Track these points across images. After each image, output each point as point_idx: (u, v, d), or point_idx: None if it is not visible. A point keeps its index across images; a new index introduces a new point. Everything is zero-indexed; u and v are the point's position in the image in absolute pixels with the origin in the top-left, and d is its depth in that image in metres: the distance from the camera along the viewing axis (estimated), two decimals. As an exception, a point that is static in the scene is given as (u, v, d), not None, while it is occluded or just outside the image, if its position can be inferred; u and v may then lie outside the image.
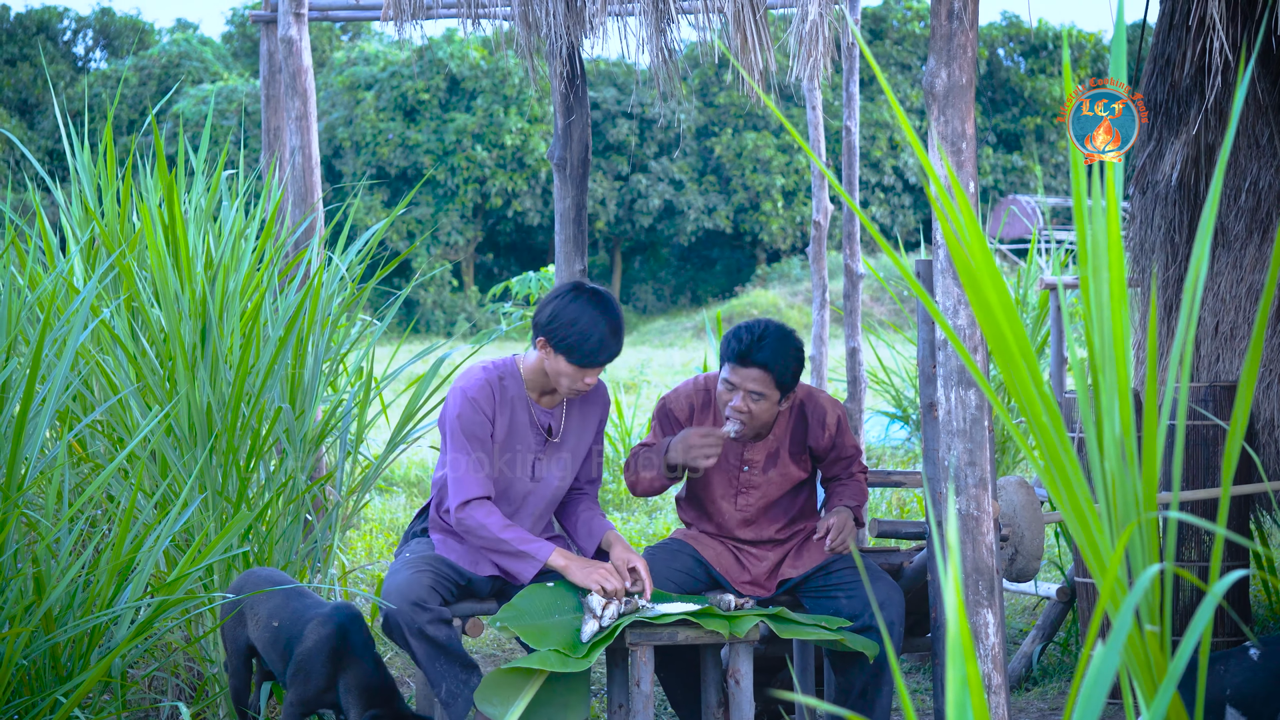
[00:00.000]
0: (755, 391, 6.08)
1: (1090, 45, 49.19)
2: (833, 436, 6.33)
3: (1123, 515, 2.71)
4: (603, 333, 5.95)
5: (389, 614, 5.88)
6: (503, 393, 6.12)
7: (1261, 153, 7.69)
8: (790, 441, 6.33)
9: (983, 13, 58.75)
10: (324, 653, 5.75)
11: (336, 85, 44.50)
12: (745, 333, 6.10)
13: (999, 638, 5.15)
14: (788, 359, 6.08)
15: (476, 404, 6.07)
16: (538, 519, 6.22)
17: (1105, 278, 2.76)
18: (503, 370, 6.15)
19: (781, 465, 6.33)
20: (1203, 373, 7.98)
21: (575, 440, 6.23)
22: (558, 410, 6.20)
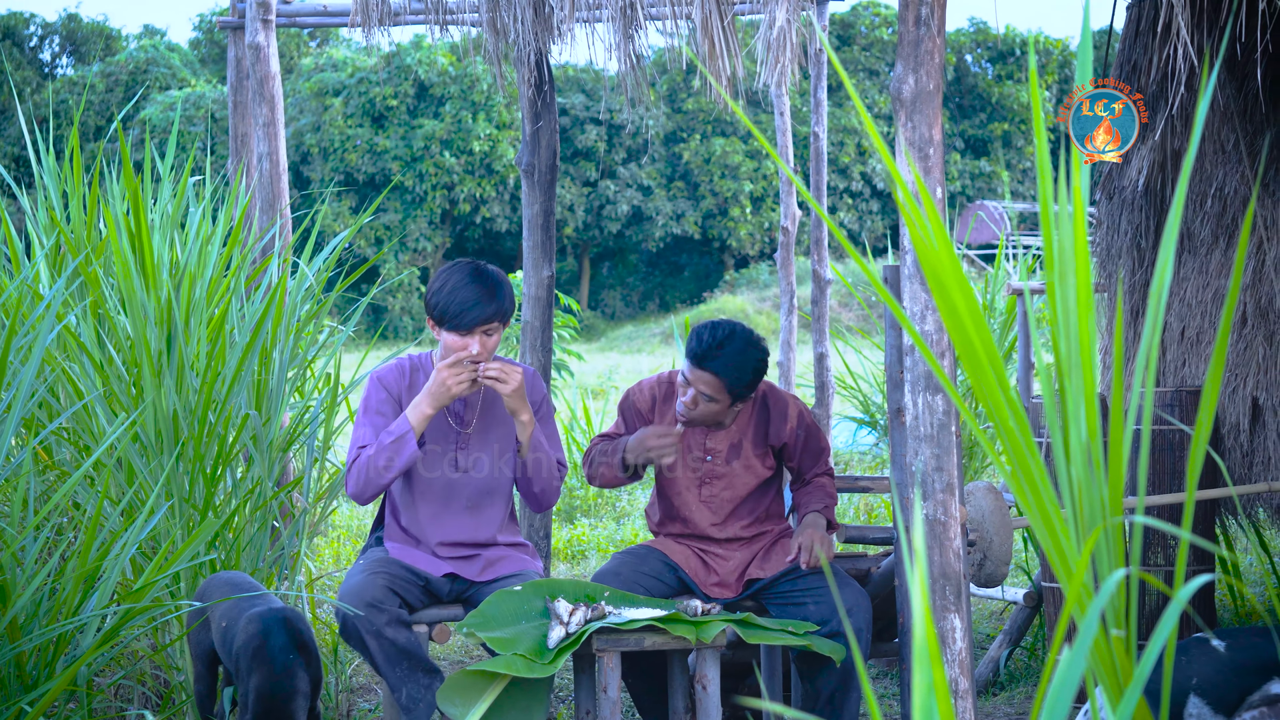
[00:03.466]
0: (706, 394, 6.11)
1: (1057, 51, 49.33)
2: (794, 429, 6.34)
3: (1089, 520, 2.71)
4: (471, 292, 5.95)
5: (345, 618, 5.86)
6: (414, 379, 6.18)
7: (1227, 158, 7.72)
8: (753, 432, 6.34)
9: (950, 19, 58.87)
10: (248, 652, 5.70)
11: (304, 91, 44.44)
12: (709, 334, 6.12)
13: (966, 643, 5.15)
14: (744, 370, 6.07)
15: (383, 383, 6.17)
16: (473, 510, 6.18)
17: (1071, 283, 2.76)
18: (418, 361, 6.23)
19: (745, 458, 6.34)
20: (1169, 378, 8.01)
21: (498, 428, 6.20)
22: (472, 398, 6.19)
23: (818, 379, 12.18)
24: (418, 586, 6.10)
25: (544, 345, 7.63)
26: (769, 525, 6.47)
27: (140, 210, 7.04)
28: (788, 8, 5.57)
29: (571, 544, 11.45)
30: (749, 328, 6.23)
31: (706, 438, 6.34)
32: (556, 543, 11.31)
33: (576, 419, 14.17)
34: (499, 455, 6.20)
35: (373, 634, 5.86)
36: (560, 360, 14.60)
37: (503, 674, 5.60)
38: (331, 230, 39.02)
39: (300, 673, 5.69)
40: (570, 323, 14.97)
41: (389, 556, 6.14)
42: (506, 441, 6.22)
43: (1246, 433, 7.61)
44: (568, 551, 11.30)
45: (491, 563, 6.21)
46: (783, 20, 5.60)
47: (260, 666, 5.65)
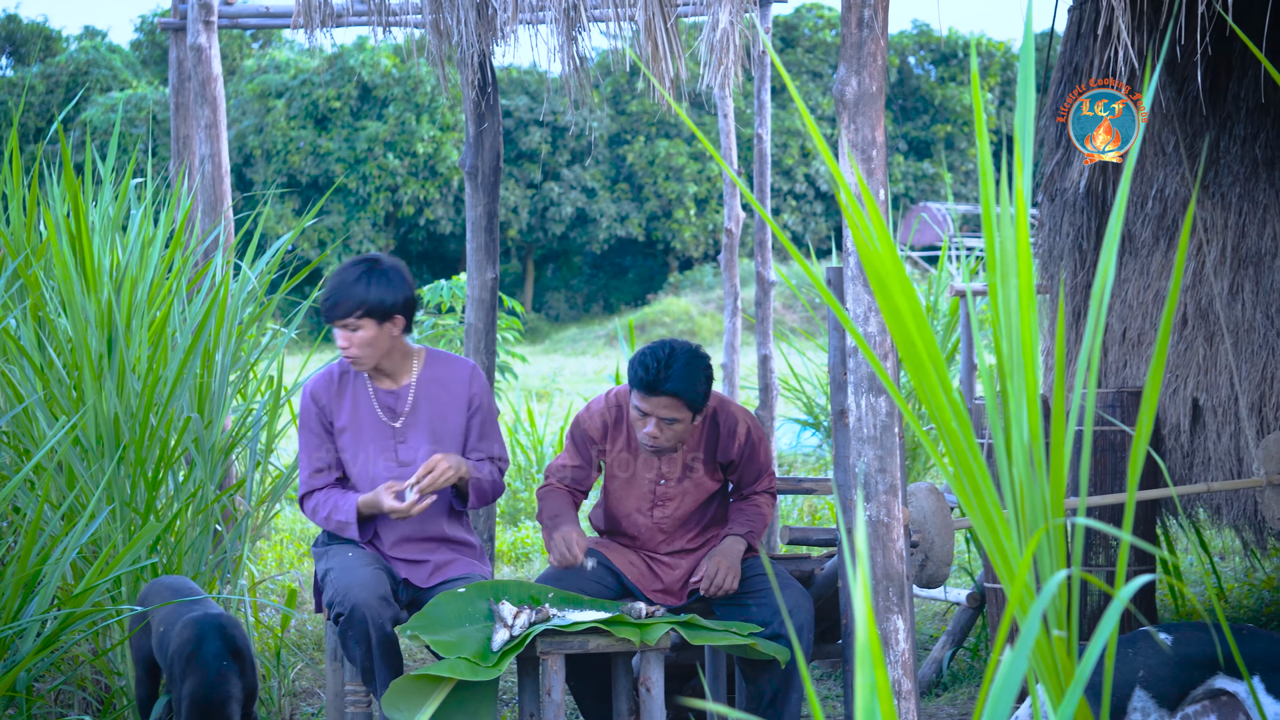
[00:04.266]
0: (667, 418, 6.05)
1: (1000, 54, 49.54)
2: (742, 446, 6.31)
3: (1031, 521, 2.72)
4: (337, 280, 5.98)
5: (356, 606, 5.80)
6: (343, 383, 6.20)
7: (1168, 160, 7.76)
8: (704, 451, 6.32)
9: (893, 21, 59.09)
10: (182, 657, 5.67)
11: (247, 93, 44.26)
12: (651, 360, 6.02)
13: (909, 643, 5.17)
14: (697, 382, 6.03)
15: (314, 395, 6.20)
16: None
17: (1013, 285, 2.77)
18: (348, 364, 6.22)
19: (696, 476, 6.32)
20: (1110, 379, 8.04)
21: (434, 420, 6.19)
22: (404, 391, 6.19)
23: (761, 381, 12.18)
24: (393, 590, 6.11)
25: (488, 347, 7.62)
26: (714, 532, 6.45)
27: (81, 212, 7.00)
28: (730, 10, 5.57)
29: (515, 546, 11.43)
30: (683, 340, 6.21)
31: (661, 463, 6.30)
32: (500, 545, 11.29)
33: (520, 421, 14.14)
34: (438, 444, 6.18)
35: (378, 627, 5.84)
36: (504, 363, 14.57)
37: (448, 678, 5.59)
38: (274, 233, 38.88)
39: (233, 679, 5.66)
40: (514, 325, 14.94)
41: (376, 555, 6.13)
42: (443, 431, 6.20)
43: (1187, 433, 7.65)
44: (511, 554, 11.28)
45: (439, 567, 6.20)
46: (725, 22, 5.60)
47: (193, 672, 5.62)
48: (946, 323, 13.61)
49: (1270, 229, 7.32)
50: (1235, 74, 7.49)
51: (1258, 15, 6.34)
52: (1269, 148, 7.35)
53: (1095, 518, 7.08)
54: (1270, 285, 7.31)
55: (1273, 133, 7.34)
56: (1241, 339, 7.43)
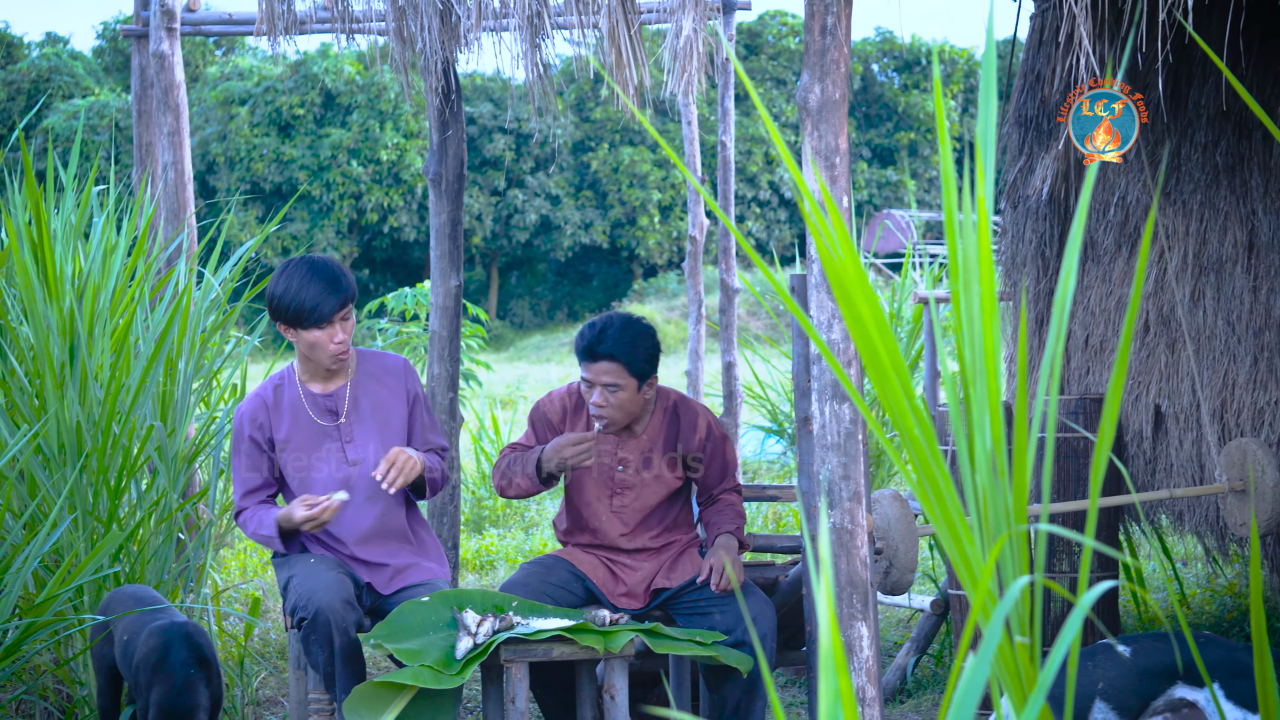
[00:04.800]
0: (610, 384, 6.14)
1: (963, 61, 49.66)
2: (703, 441, 6.35)
3: (994, 528, 2.72)
4: (318, 287, 5.99)
5: (319, 610, 5.79)
6: (278, 398, 6.20)
7: (1130, 168, 7.79)
8: (663, 442, 6.35)
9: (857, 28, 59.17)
10: (148, 666, 5.66)
11: (210, 100, 44.14)
12: (588, 329, 6.19)
13: (873, 650, 5.17)
14: (635, 345, 6.12)
15: (250, 417, 6.20)
16: (373, 499, 6.16)
17: (976, 292, 2.77)
18: (279, 378, 6.25)
19: (655, 468, 6.35)
20: (1073, 385, 8.07)
21: (377, 414, 6.20)
22: (340, 392, 6.20)
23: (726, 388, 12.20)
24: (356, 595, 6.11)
25: (452, 355, 7.61)
26: (677, 535, 6.47)
27: (42, 220, 6.97)
28: (694, 18, 5.58)
29: (480, 554, 11.42)
30: (625, 312, 6.30)
31: (618, 448, 6.35)
32: (465, 553, 11.28)
33: (485, 429, 14.13)
34: (385, 439, 6.20)
35: (341, 631, 5.83)
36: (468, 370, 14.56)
37: (410, 685, 5.58)
38: (238, 240, 38.78)
39: (201, 688, 5.65)
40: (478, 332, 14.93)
41: (338, 560, 6.13)
42: (387, 423, 6.21)
43: (1149, 440, 7.67)
44: (476, 562, 11.27)
45: (400, 571, 6.20)
46: (689, 30, 5.61)
47: (161, 681, 5.61)
48: (910, 329, 13.63)
49: (1231, 236, 7.35)
50: (1196, 82, 7.52)
51: (1218, 23, 6.37)
52: (1230, 155, 7.38)
53: (1058, 524, 7.10)
54: (1231, 292, 7.34)
55: (1233, 140, 7.37)
56: (1203, 346, 7.46)
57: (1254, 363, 7.24)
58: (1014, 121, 8.20)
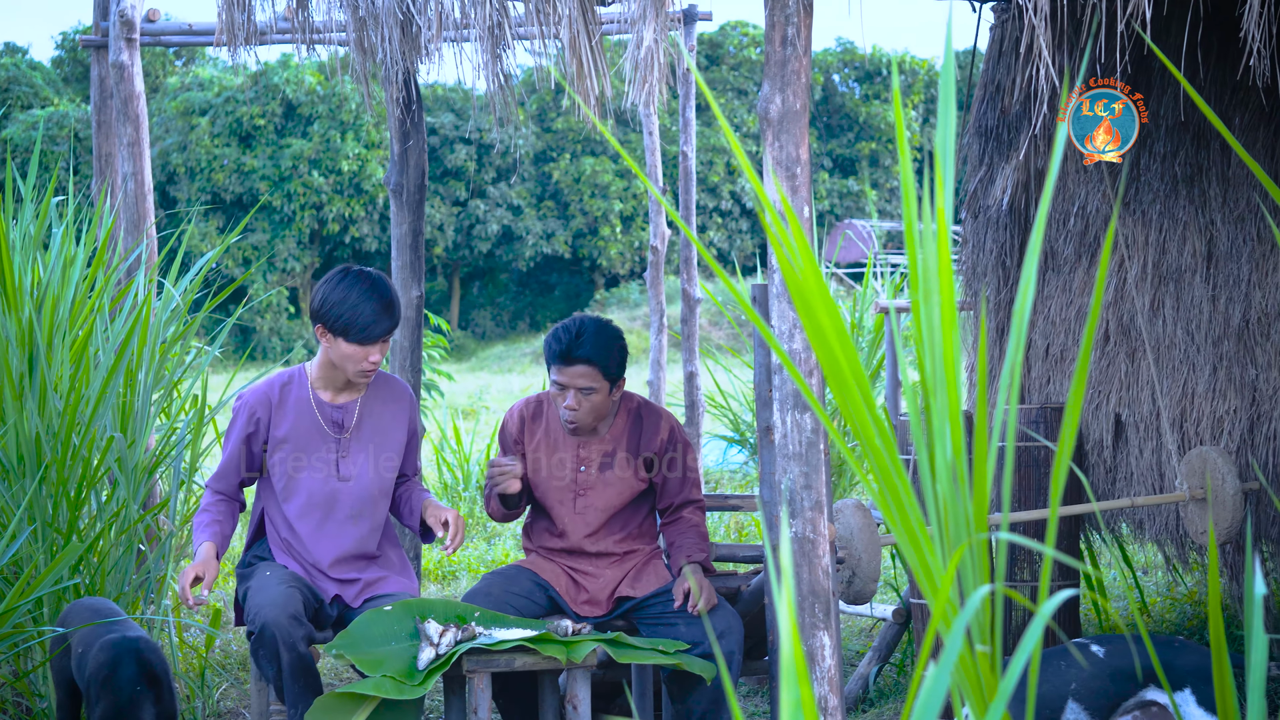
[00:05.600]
0: (585, 387, 6.18)
1: (923, 71, 49.79)
2: (665, 443, 6.38)
3: (954, 537, 2.73)
4: (375, 306, 5.99)
5: (265, 625, 5.79)
6: (284, 396, 6.19)
7: (1089, 177, 7.82)
8: (626, 442, 6.37)
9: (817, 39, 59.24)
10: (97, 680, 5.63)
11: (170, 111, 44.00)
12: (564, 332, 6.22)
13: (835, 660, 5.18)
14: (610, 348, 6.19)
15: (250, 409, 6.18)
16: (357, 518, 6.17)
17: (936, 301, 2.78)
18: (289, 376, 6.24)
19: (619, 468, 6.37)
20: (1034, 395, 8.09)
21: (377, 435, 6.21)
22: (350, 406, 6.20)
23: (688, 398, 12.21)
24: (312, 608, 6.09)
25: (413, 365, 7.60)
26: (640, 544, 6.48)
27: (1, 231, 6.94)
28: (655, 28, 5.58)
29: (442, 564, 11.40)
30: (593, 314, 6.34)
31: (580, 448, 6.37)
32: (427, 563, 11.26)
33: (447, 439, 14.12)
34: (380, 460, 6.21)
35: (289, 646, 5.81)
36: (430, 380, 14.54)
37: (372, 696, 5.56)
38: (199, 250, 38.66)
39: (147, 705, 5.62)
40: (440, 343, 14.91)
41: (295, 574, 6.12)
42: (384, 445, 6.23)
43: (1110, 449, 7.70)
44: (438, 572, 11.25)
45: (369, 585, 6.19)
46: (650, 40, 5.61)
47: (106, 696, 5.58)
48: (872, 339, 13.66)
49: (1190, 245, 7.38)
50: (1155, 92, 7.56)
51: (1176, 34, 6.40)
52: (1188, 165, 7.42)
53: (1019, 533, 7.12)
54: (1190, 301, 7.37)
55: (1192, 150, 7.41)
56: (1163, 355, 7.49)
57: (1213, 371, 7.28)
58: (974, 131, 8.22)
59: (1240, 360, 7.16)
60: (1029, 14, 5.08)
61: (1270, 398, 7.04)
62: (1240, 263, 7.18)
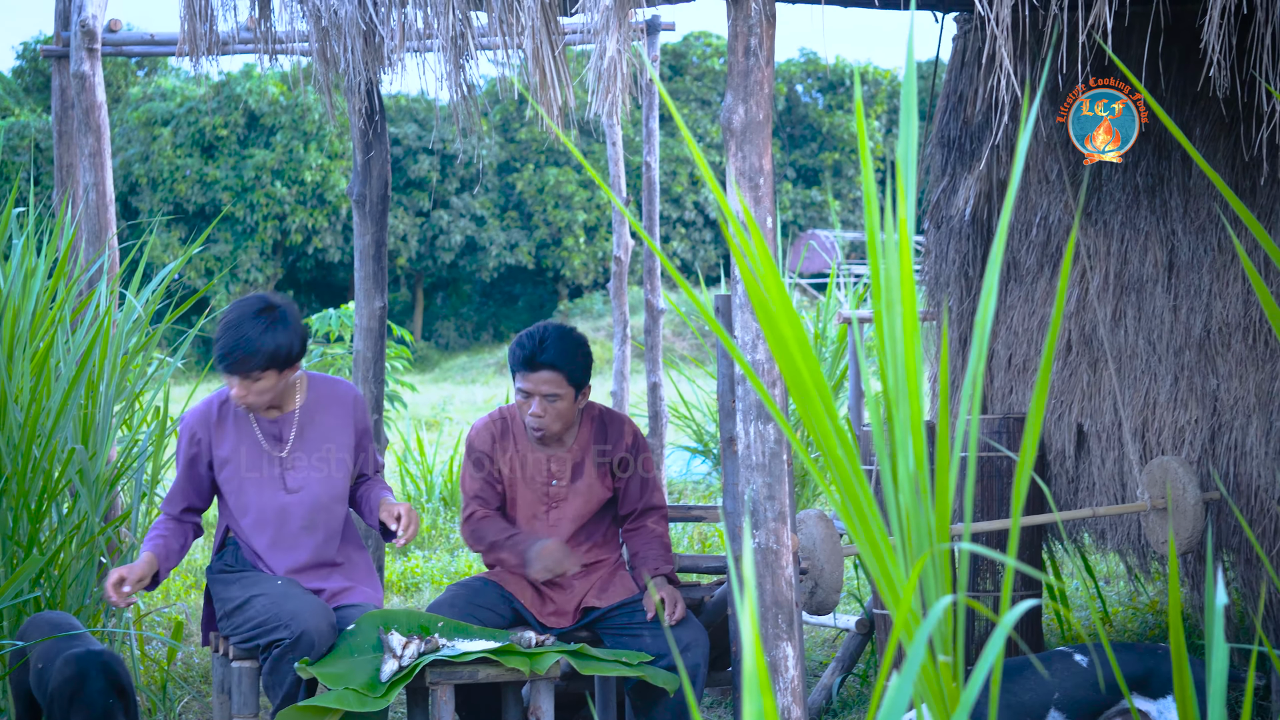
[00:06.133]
0: (550, 394, 6.17)
1: (886, 82, 49.89)
2: (629, 447, 6.39)
3: (917, 547, 2.73)
4: (237, 332, 5.88)
5: (305, 632, 5.73)
6: (223, 414, 6.15)
7: (1051, 188, 7.84)
8: (593, 451, 6.38)
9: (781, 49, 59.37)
10: (64, 695, 5.61)
11: (132, 121, 43.86)
12: (528, 339, 6.21)
13: (798, 670, 5.18)
14: (574, 354, 6.20)
15: (191, 431, 6.14)
16: (311, 529, 6.13)
17: (898, 312, 2.78)
18: (226, 393, 6.18)
19: (588, 476, 6.37)
20: (996, 405, 8.11)
21: (323, 442, 6.17)
22: (288, 418, 6.16)
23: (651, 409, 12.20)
24: None
25: (376, 377, 7.58)
26: (606, 553, 6.48)
27: (-39, 242, 6.91)
28: (618, 39, 5.58)
29: (405, 576, 11.38)
30: (556, 321, 6.35)
31: (550, 462, 6.36)
32: (390, 575, 11.23)
33: (410, 450, 14.09)
34: (328, 468, 6.17)
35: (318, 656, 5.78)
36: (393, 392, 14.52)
37: (335, 709, 5.55)
38: (161, 261, 38.53)
39: (119, 717, 5.61)
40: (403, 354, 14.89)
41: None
42: (332, 451, 6.19)
43: (1072, 459, 7.72)
44: (401, 584, 11.23)
45: (333, 596, 6.16)
46: (613, 51, 5.61)
47: (78, 711, 5.56)
48: (835, 349, 13.67)
49: (1152, 256, 7.41)
50: (1116, 103, 7.58)
51: (1137, 45, 6.42)
52: (1149, 175, 7.44)
53: (982, 543, 7.14)
54: (1152, 311, 7.40)
55: (1153, 161, 7.43)
56: (1124, 365, 7.51)
57: (1174, 381, 7.30)
58: (937, 142, 8.24)
59: (1201, 370, 7.19)
60: (990, 25, 5.10)
61: (1231, 408, 7.06)
62: (1201, 273, 7.21)
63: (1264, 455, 6.90)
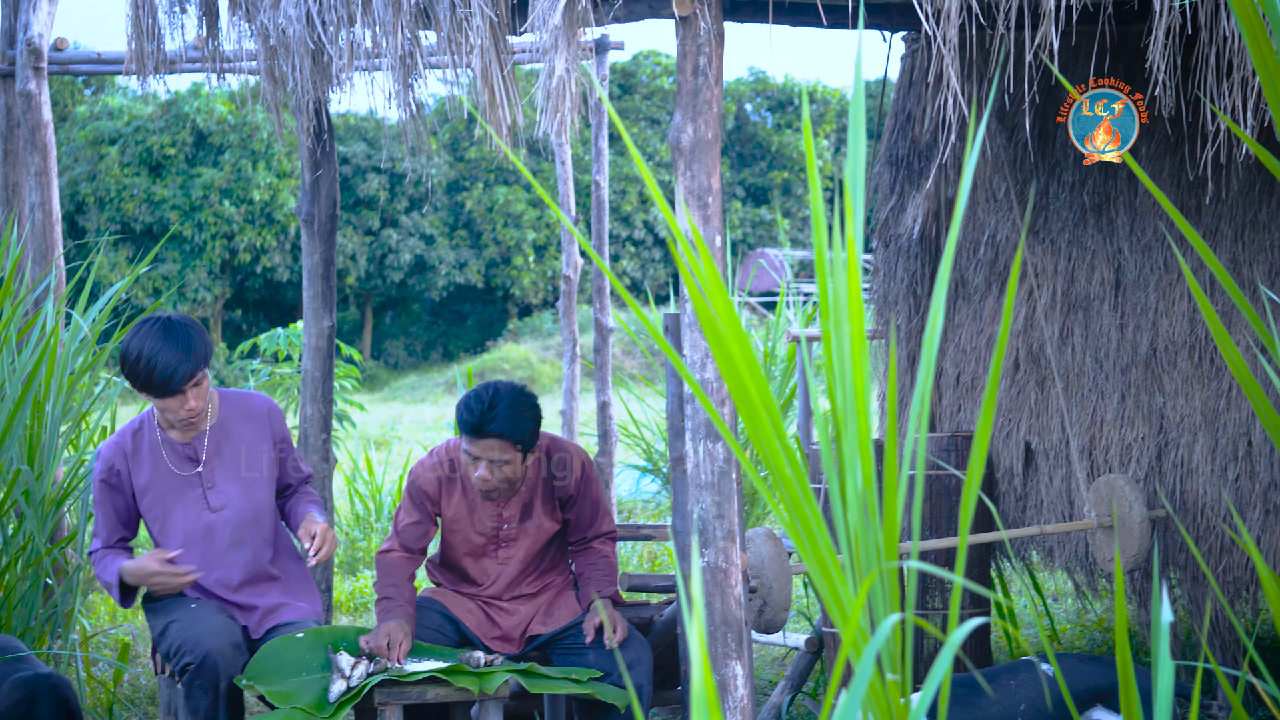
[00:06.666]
0: (497, 459, 6.07)
1: (836, 101, 50.02)
2: (578, 481, 6.35)
3: (865, 566, 2.73)
4: (169, 356, 5.85)
5: (209, 654, 5.71)
6: (137, 443, 6.11)
7: (999, 206, 7.87)
8: (541, 489, 6.34)
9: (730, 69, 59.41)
10: (14, 719, 5.57)
11: (79, 140, 43.65)
12: (476, 402, 6.07)
13: (748, 689, 5.18)
14: (523, 421, 6.06)
15: (108, 463, 6.10)
16: (239, 545, 6.12)
17: (847, 330, 2.79)
18: (139, 422, 6.18)
19: (536, 517, 6.33)
20: (945, 423, 8.13)
21: (239, 458, 6.15)
22: (199, 438, 6.13)
23: (601, 428, 12.19)
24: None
25: (325, 396, 7.56)
26: (553, 577, 6.46)
27: (-94, 261, 6.87)
28: (567, 58, 5.58)
29: (354, 596, 11.34)
30: (508, 381, 6.24)
31: (501, 508, 6.31)
32: (339, 595, 11.19)
33: (359, 470, 14.05)
34: (249, 483, 6.15)
35: (227, 676, 5.76)
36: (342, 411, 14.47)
37: (283, 730, 5.52)
38: (108, 281, 38.36)
39: None
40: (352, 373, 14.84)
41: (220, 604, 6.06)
42: (250, 466, 6.17)
43: (1020, 477, 7.74)
44: (350, 604, 11.19)
45: (269, 612, 6.14)
46: (562, 70, 5.61)
47: None
48: (784, 368, 13.68)
49: (1099, 274, 7.44)
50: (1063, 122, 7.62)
51: (1084, 65, 6.46)
52: (1096, 194, 7.48)
53: (930, 562, 7.15)
54: (1099, 329, 7.43)
55: (1100, 179, 7.47)
56: (1072, 383, 7.54)
57: (1121, 399, 7.33)
58: (885, 161, 8.27)
59: (1148, 388, 7.23)
60: (938, 44, 5.12)
61: (1177, 425, 7.10)
62: (1147, 291, 7.25)
63: (1209, 473, 6.94)
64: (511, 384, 6.17)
